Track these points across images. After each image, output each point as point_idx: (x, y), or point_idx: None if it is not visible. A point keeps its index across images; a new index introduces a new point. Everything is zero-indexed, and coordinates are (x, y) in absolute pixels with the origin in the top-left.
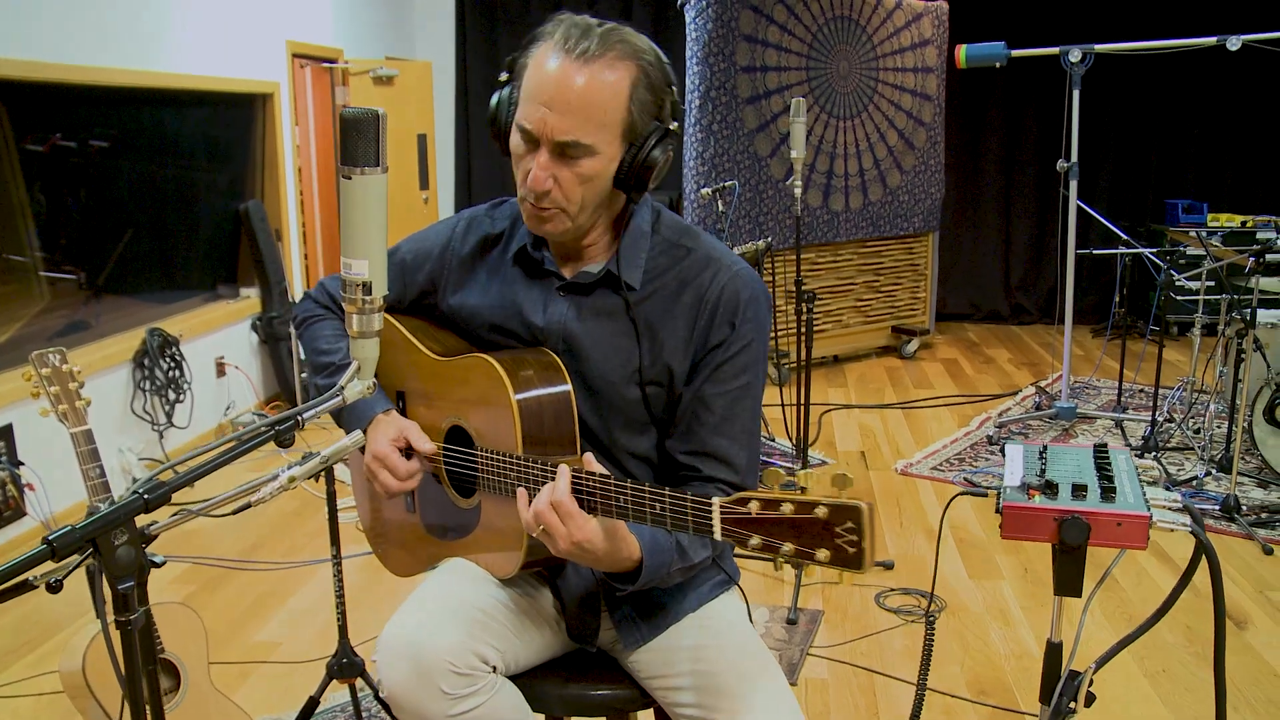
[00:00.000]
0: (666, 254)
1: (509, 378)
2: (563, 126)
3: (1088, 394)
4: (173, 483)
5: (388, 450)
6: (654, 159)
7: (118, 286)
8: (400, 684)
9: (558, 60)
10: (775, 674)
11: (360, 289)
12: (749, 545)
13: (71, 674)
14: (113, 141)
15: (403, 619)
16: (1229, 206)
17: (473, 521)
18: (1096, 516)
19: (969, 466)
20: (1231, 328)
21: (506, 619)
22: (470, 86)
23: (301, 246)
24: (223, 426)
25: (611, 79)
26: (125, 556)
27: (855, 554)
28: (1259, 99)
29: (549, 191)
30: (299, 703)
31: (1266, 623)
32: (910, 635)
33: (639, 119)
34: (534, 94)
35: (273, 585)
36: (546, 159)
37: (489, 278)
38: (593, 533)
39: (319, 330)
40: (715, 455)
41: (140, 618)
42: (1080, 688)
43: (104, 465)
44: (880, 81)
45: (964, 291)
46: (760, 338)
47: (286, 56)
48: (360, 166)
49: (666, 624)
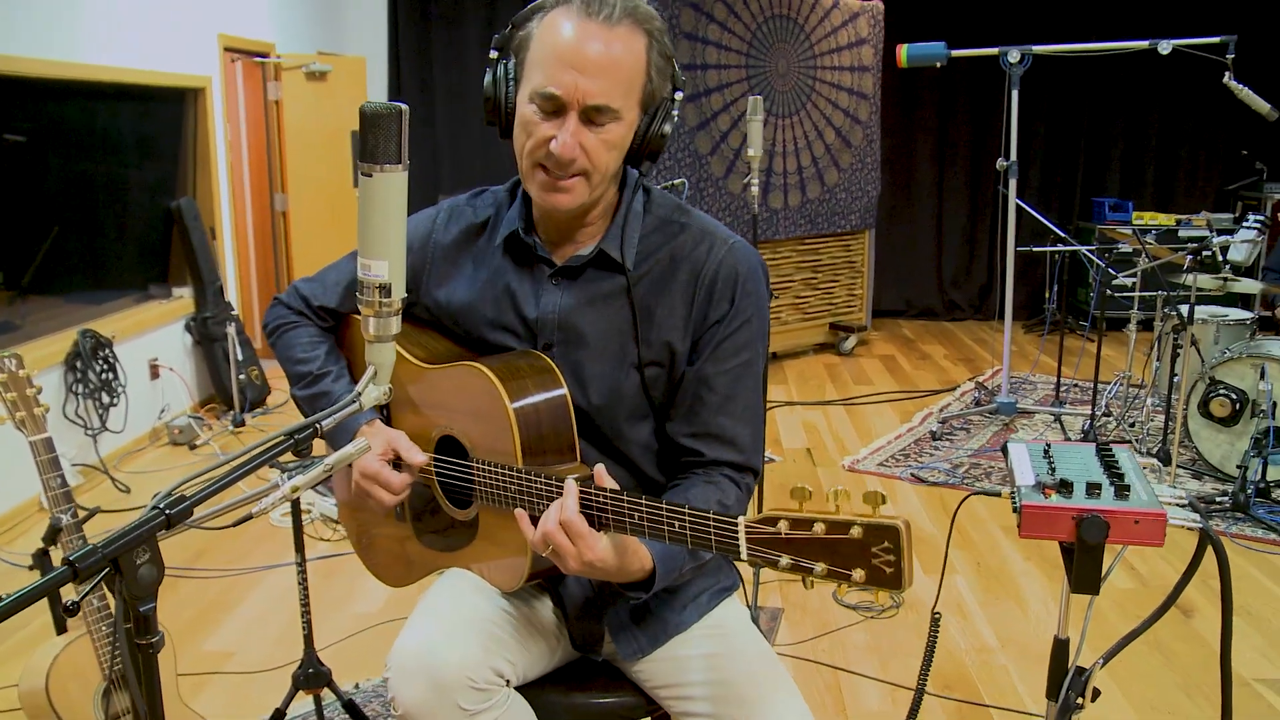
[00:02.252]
0: (659, 231)
1: (503, 386)
2: (595, 89)
3: (1025, 389)
4: (194, 497)
5: (378, 468)
6: (666, 130)
7: (45, 286)
8: (417, 701)
9: (580, 24)
10: (787, 681)
11: (378, 291)
12: (778, 566)
13: (33, 692)
14: (30, 135)
15: (415, 633)
16: (1151, 205)
17: (471, 533)
18: (1114, 514)
19: (915, 462)
20: (1167, 324)
21: (514, 630)
22: (404, 83)
23: (235, 245)
24: (157, 430)
25: (635, 43)
26: (147, 576)
27: (893, 574)
28: (1181, 102)
29: (574, 159)
30: (258, 714)
31: (1210, 610)
32: (870, 631)
33: (657, 85)
34: (558, 58)
35: (221, 593)
36: (576, 124)
37: (475, 268)
38: (604, 550)
39: (294, 338)
40: (719, 436)
41: (161, 640)
42: (1087, 683)
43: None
44: (818, 80)
45: (898, 288)
46: (760, 313)
47: (218, 50)
48: (381, 163)
49: (667, 635)
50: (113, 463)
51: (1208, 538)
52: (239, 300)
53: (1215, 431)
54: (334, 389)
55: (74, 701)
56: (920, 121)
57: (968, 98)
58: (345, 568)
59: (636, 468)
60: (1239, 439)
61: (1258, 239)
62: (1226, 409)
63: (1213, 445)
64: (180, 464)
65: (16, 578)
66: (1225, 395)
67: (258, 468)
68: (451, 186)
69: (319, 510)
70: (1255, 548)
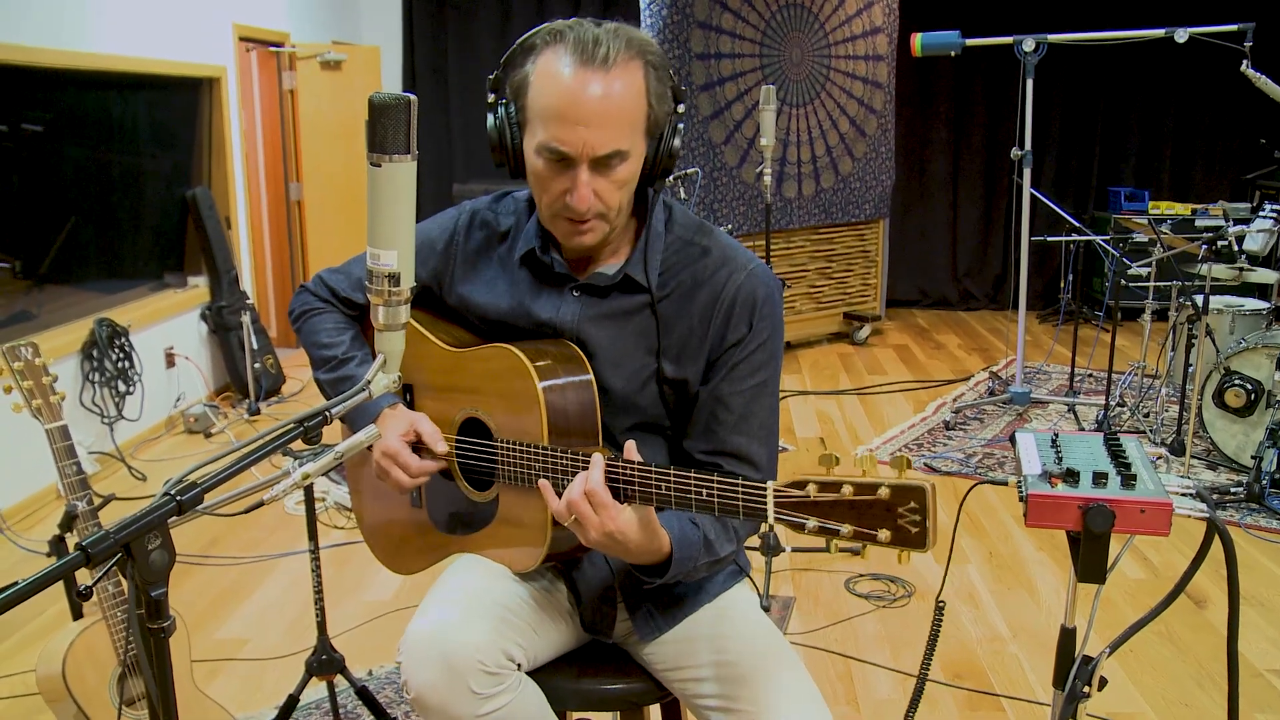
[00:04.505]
0: (681, 252)
1: (533, 367)
2: (603, 140)
3: (1039, 379)
4: (205, 483)
5: (398, 447)
6: (676, 148)
7: (61, 276)
8: (429, 684)
9: (577, 73)
10: (794, 661)
11: (387, 280)
12: (805, 529)
13: (50, 677)
14: (48, 125)
15: (428, 617)
16: (1167, 195)
17: (489, 515)
18: (1121, 504)
19: (928, 451)
20: (1182, 314)
21: (527, 614)
22: (418, 72)
23: (250, 234)
24: (173, 419)
25: (633, 77)
26: (159, 561)
27: (919, 533)
28: (1197, 91)
29: (591, 207)
30: (272, 700)
31: (1223, 601)
32: (882, 620)
33: (658, 111)
34: (560, 115)
35: (234, 581)
36: (588, 175)
37: (496, 275)
38: (625, 523)
39: (319, 323)
40: (736, 454)
41: (172, 625)
42: (1094, 671)
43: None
44: (832, 69)
45: (912, 278)
46: (776, 335)
47: (233, 39)
48: (390, 154)
49: (683, 615)
50: (129, 450)
51: (1214, 527)
52: (254, 289)
53: (1230, 422)
54: (357, 374)
55: (90, 686)
56: (934, 111)
57: (982, 87)
58: (358, 556)
59: None
60: (1254, 429)
61: (1274, 228)
62: (1241, 399)
63: (1227, 436)
64: (196, 452)
65: (34, 564)
66: (1240, 385)
67: (269, 454)
68: (465, 174)
69: (333, 498)
70: (1269, 538)
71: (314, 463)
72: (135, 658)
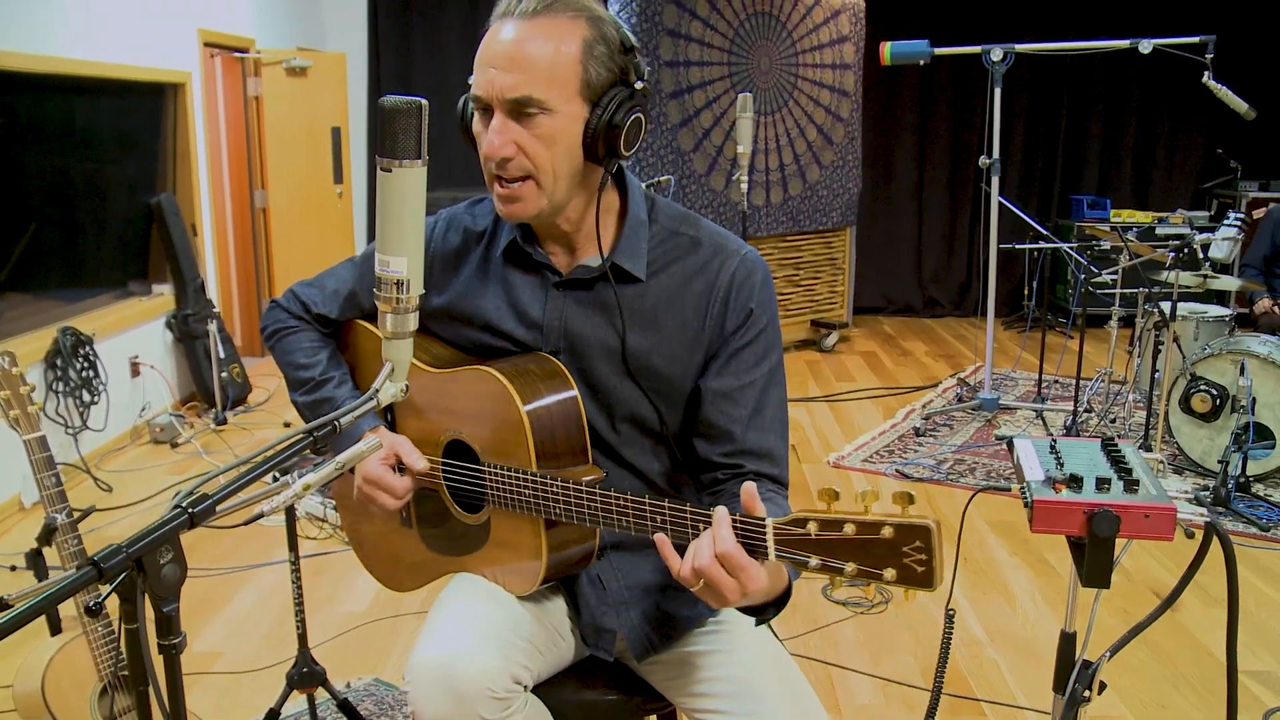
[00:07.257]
0: (668, 242)
1: (515, 389)
2: (509, 83)
3: (1006, 385)
4: (216, 495)
5: (380, 472)
6: (618, 120)
7: (23, 284)
8: (438, 714)
9: (499, 23)
10: (799, 677)
11: (396, 287)
12: (808, 567)
13: (28, 694)
14: (7, 130)
15: (434, 645)
16: (1128, 203)
17: (482, 537)
18: (1126, 509)
19: (899, 458)
20: (1149, 320)
21: (530, 635)
22: (384, 79)
23: (215, 242)
24: (139, 428)
25: (557, 33)
26: (171, 575)
27: (925, 573)
28: (1157, 100)
29: (511, 158)
30: (249, 714)
31: (1196, 604)
32: (860, 626)
33: (595, 76)
34: (480, 61)
35: (206, 593)
36: (501, 121)
37: (477, 276)
38: (763, 579)
39: (293, 342)
40: (757, 451)
41: (183, 641)
42: (1094, 676)
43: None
44: (800, 77)
45: (877, 285)
46: (774, 320)
47: (198, 45)
48: (400, 159)
49: (678, 633)
50: (94, 461)
51: (1214, 531)
52: (220, 297)
53: (1196, 427)
54: (337, 394)
55: (70, 703)
56: (900, 119)
57: (948, 95)
58: (331, 566)
59: (644, 476)
60: (1219, 434)
61: (1238, 236)
62: (1207, 404)
63: (1194, 440)
64: (162, 462)
65: (1, 579)
66: (1206, 391)
67: (280, 465)
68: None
69: (303, 508)
70: (1238, 542)
71: (314, 473)
72: (121, 674)
